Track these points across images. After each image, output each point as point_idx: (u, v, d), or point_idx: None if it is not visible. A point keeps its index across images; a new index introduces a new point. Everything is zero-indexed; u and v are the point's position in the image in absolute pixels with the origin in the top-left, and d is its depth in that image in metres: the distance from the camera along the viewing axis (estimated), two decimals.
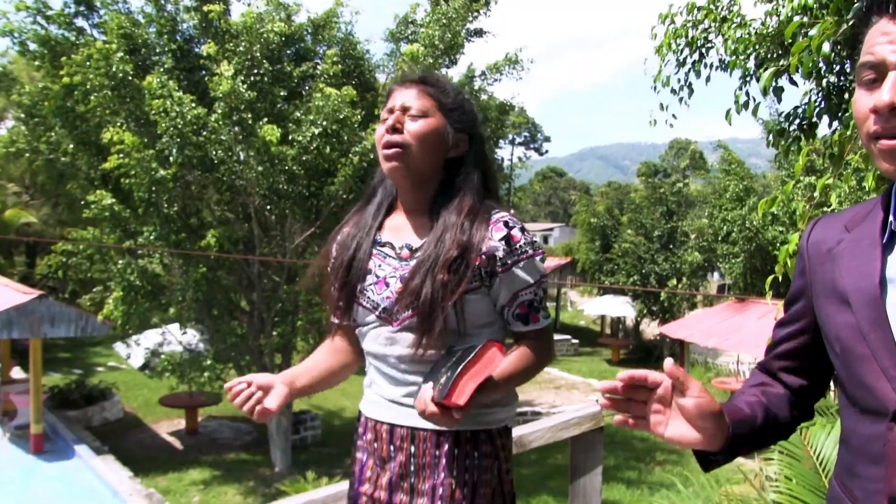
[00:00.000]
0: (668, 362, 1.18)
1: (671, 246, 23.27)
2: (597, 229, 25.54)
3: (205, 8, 11.37)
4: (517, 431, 2.82)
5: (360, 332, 1.79)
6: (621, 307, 23.86)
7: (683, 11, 4.44)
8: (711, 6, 4.30)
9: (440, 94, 1.75)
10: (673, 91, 4.57)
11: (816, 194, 3.21)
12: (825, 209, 3.19)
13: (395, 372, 1.72)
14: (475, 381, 1.46)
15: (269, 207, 11.25)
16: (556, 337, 24.49)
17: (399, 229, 1.77)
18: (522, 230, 1.69)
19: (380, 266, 1.74)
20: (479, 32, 13.98)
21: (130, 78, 10.65)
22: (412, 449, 1.67)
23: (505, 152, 67.46)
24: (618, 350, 23.57)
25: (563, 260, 29.03)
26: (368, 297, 1.74)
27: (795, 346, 1.32)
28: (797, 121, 4.33)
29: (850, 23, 3.17)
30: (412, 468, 1.66)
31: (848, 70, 3.83)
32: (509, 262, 1.66)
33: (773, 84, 4.18)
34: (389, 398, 1.73)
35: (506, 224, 1.67)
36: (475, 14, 13.42)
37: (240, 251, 11.42)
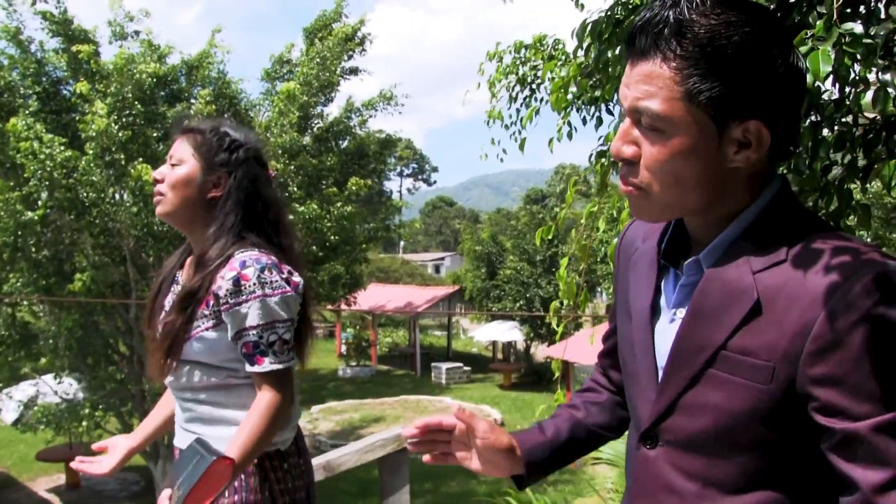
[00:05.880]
0: (456, 408, 1.27)
1: (553, 269, 23.97)
2: (482, 256, 26.02)
3: (73, 48, 11.19)
4: (326, 457, 2.90)
5: None
6: (510, 332, 24.21)
7: (511, 50, 4.77)
8: (538, 45, 4.65)
9: (197, 139, 1.88)
10: (506, 127, 4.85)
11: (583, 221, 3.38)
12: (595, 234, 3.54)
13: (178, 399, 1.88)
14: (205, 502, 1.50)
15: (144, 249, 11.08)
16: (448, 365, 24.71)
17: (187, 268, 1.92)
18: (263, 270, 1.72)
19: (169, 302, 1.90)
20: (354, 71, 14.26)
21: None
22: None
23: (393, 184, 68.10)
24: (509, 375, 23.78)
25: (450, 289, 29.30)
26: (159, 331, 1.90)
27: (614, 343, 1.30)
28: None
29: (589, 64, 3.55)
30: None
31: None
32: (231, 301, 1.71)
33: (596, 114, 4.58)
34: (178, 424, 1.88)
35: (242, 264, 1.72)
36: (350, 53, 13.72)
37: (116, 295, 11.17)
